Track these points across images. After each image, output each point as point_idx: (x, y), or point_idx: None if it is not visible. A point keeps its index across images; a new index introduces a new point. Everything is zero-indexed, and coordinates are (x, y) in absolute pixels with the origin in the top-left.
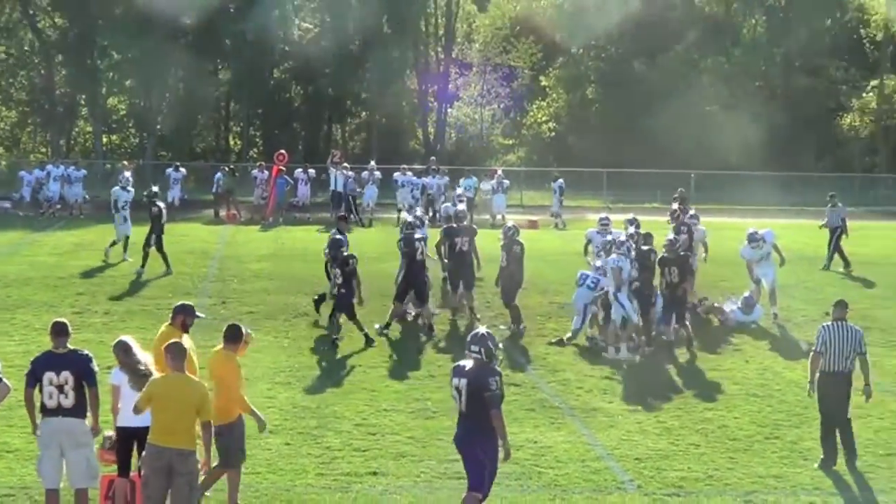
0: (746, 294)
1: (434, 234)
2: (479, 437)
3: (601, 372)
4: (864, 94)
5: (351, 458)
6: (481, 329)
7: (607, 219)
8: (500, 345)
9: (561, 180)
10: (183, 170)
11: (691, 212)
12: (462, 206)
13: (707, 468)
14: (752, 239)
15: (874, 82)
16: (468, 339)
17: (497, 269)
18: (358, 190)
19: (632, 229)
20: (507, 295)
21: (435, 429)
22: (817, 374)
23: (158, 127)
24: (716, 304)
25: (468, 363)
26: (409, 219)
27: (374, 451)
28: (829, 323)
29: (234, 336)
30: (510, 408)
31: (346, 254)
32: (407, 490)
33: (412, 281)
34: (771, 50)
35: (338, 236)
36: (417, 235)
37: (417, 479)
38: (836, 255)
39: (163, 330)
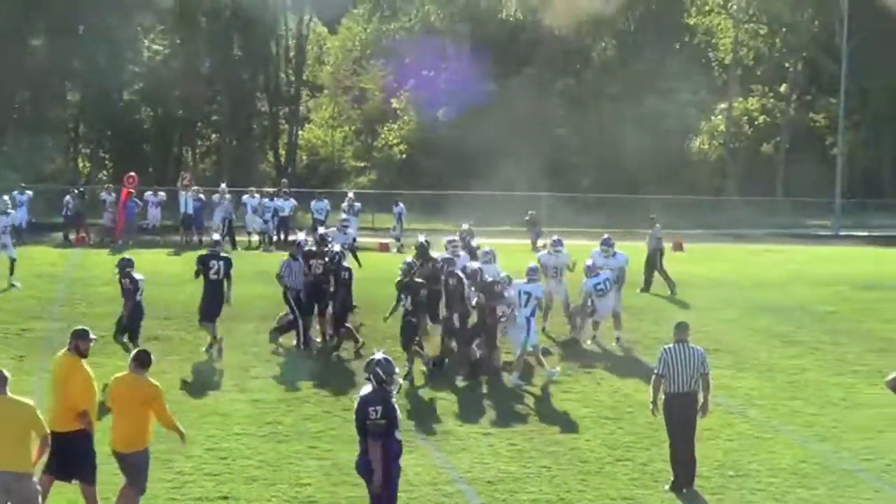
0: (531, 265)
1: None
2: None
3: (453, 395)
4: (712, 118)
5: (202, 482)
6: (377, 355)
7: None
8: (398, 371)
9: (402, 205)
10: (29, 192)
11: (554, 237)
12: (321, 230)
13: (558, 490)
14: (606, 243)
15: (723, 105)
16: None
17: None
18: (233, 216)
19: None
20: (339, 319)
21: (287, 452)
22: (661, 396)
23: (6, 148)
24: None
25: (366, 388)
26: (216, 237)
27: (225, 476)
28: (671, 345)
29: (144, 361)
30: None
31: (136, 278)
32: None
33: (206, 299)
34: (621, 72)
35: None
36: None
37: (269, 503)
38: (656, 276)
39: (58, 356)
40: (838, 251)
